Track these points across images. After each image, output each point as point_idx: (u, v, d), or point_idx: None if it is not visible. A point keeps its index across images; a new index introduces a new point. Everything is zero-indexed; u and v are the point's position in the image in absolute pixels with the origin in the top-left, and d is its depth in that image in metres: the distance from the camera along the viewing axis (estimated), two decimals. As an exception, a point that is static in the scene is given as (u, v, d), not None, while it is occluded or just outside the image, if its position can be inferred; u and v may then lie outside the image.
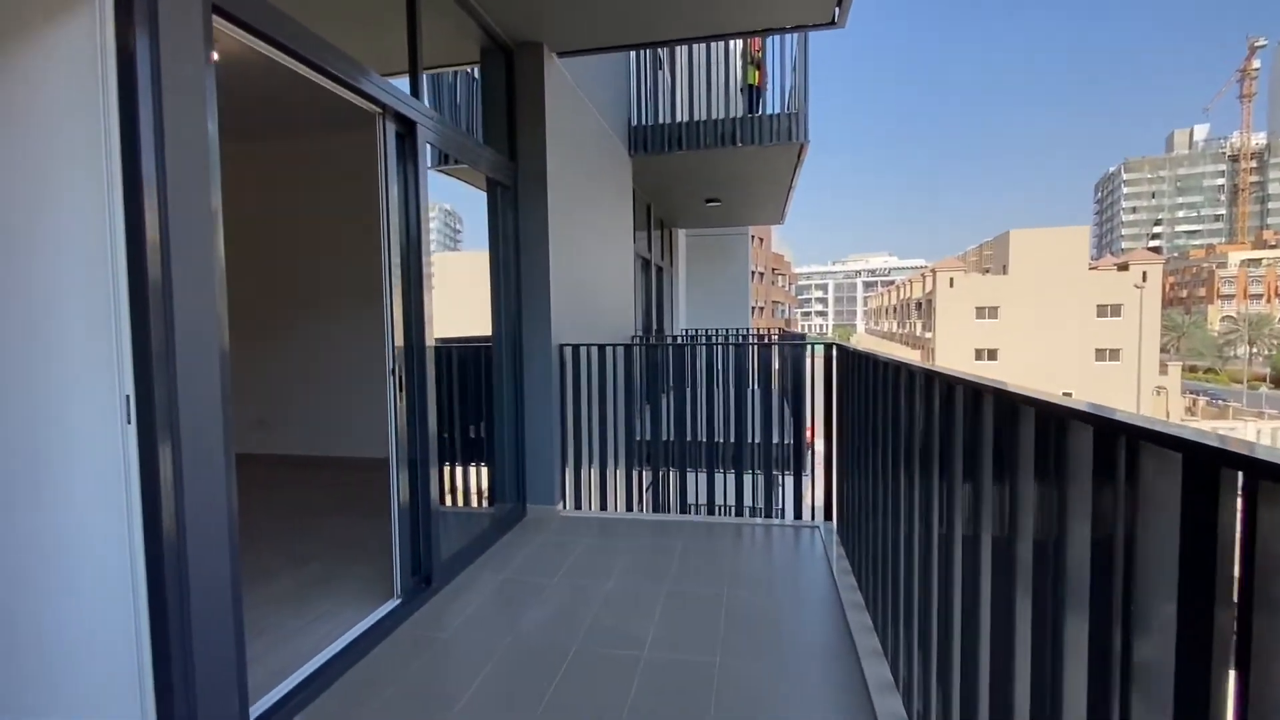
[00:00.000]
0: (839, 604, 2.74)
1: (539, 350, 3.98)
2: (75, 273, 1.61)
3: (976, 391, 1.40)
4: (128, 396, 1.59)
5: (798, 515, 3.96)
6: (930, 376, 1.78)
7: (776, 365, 4.67)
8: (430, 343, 2.89)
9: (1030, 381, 1.46)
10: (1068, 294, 38.17)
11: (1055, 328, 37.91)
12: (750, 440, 4.26)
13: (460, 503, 4.42)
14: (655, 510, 4.18)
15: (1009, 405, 1.22)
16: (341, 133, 5.35)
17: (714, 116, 6.68)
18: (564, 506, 4.12)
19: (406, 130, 2.80)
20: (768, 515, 3.99)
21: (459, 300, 4.78)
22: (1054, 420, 1.04)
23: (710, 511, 4.12)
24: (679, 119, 6.69)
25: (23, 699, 1.82)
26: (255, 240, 5.62)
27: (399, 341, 2.74)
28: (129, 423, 1.60)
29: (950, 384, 1.59)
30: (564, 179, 4.24)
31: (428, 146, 2.92)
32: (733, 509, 4.25)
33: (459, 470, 4.45)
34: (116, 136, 1.55)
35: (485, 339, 4.40)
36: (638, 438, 4.48)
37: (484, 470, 4.50)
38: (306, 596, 2.86)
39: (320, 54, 2.20)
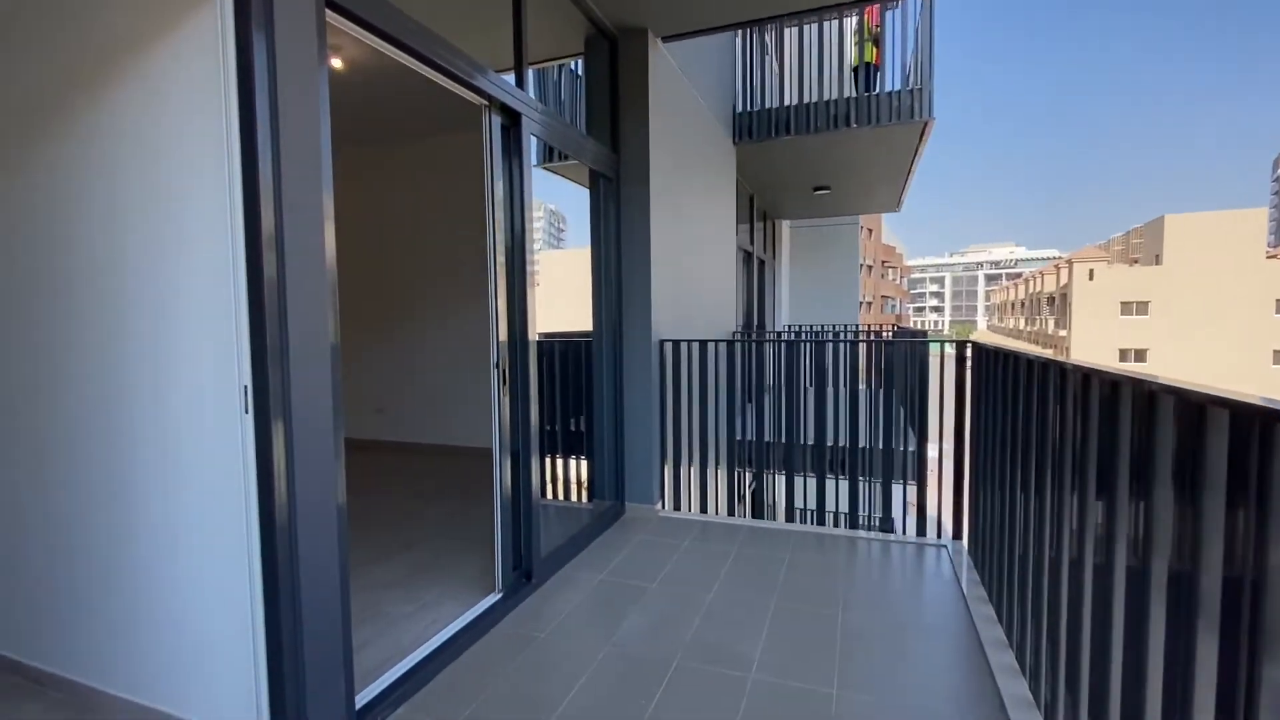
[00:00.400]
0: (975, 639, 2.41)
1: (639, 345, 3.87)
2: (201, 270, 1.66)
3: (1150, 394, 1.14)
4: (246, 387, 1.63)
5: (920, 531, 3.59)
6: (1088, 376, 1.50)
7: (890, 364, 4.28)
8: (533, 337, 2.85)
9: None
10: (1239, 286, 33.12)
11: (1220, 324, 33.04)
12: (863, 445, 3.93)
13: (559, 496, 4.42)
14: (758, 516, 3.95)
15: (1194, 409, 0.96)
16: (451, 133, 5.53)
17: (826, 98, 6.29)
18: (662, 506, 3.99)
19: (511, 121, 2.77)
20: (885, 529, 3.64)
21: (561, 297, 4.80)
22: (1260, 427, 0.79)
23: (819, 521, 3.83)
24: (788, 102, 6.35)
25: (154, 682, 1.94)
26: (374, 238, 5.95)
27: (503, 336, 2.72)
28: (246, 413, 1.64)
29: (1114, 384, 1.32)
30: (667, 169, 4.10)
31: (532, 138, 2.88)
32: (845, 518, 3.94)
33: (558, 463, 4.45)
34: (236, 137, 1.57)
35: (586, 334, 4.36)
36: (740, 438, 4.27)
37: (583, 465, 4.48)
38: (413, 584, 2.92)
39: (428, 45, 2.19)
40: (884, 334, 9.29)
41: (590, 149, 3.53)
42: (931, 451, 3.63)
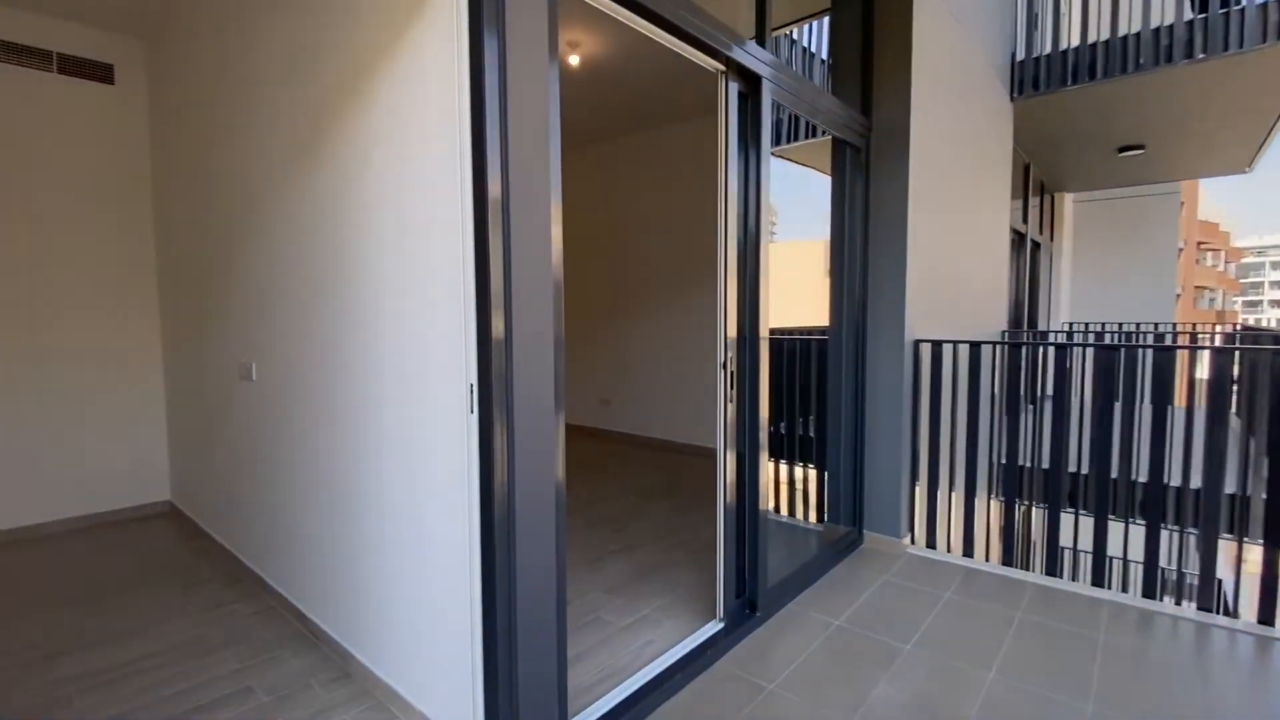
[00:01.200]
0: None
1: (888, 345, 3.25)
2: (443, 270, 1.63)
3: None
4: (471, 385, 1.54)
5: (1328, 629, 2.43)
6: None
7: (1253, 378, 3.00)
8: (764, 335, 2.48)
9: None
10: None
11: None
12: (1197, 486, 2.80)
13: (785, 511, 4.00)
14: (1050, 570, 3.08)
15: None
16: (674, 124, 5.38)
17: (1149, 25, 4.80)
18: (911, 541, 3.33)
19: (750, 88, 2.42)
20: (1265, 619, 2.54)
21: (774, 292, 4.34)
22: None
23: (1150, 589, 2.83)
24: (1090, 38, 4.99)
25: (390, 657, 2.01)
26: (604, 232, 6.10)
27: (731, 333, 2.40)
28: (471, 412, 1.55)
29: None
30: (929, 134, 3.39)
31: (771, 102, 2.49)
32: (1192, 586, 2.86)
33: (783, 470, 4.03)
34: (468, 138, 1.51)
35: (805, 330, 3.86)
36: (1020, 463, 3.39)
37: (811, 475, 3.99)
38: (633, 592, 2.77)
39: (661, 4, 1.93)
40: (1229, 334, 7.03)
41: (836, 113, 3.02)
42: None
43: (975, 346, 3.28)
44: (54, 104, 3.51)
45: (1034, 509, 3.59)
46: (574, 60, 4.11)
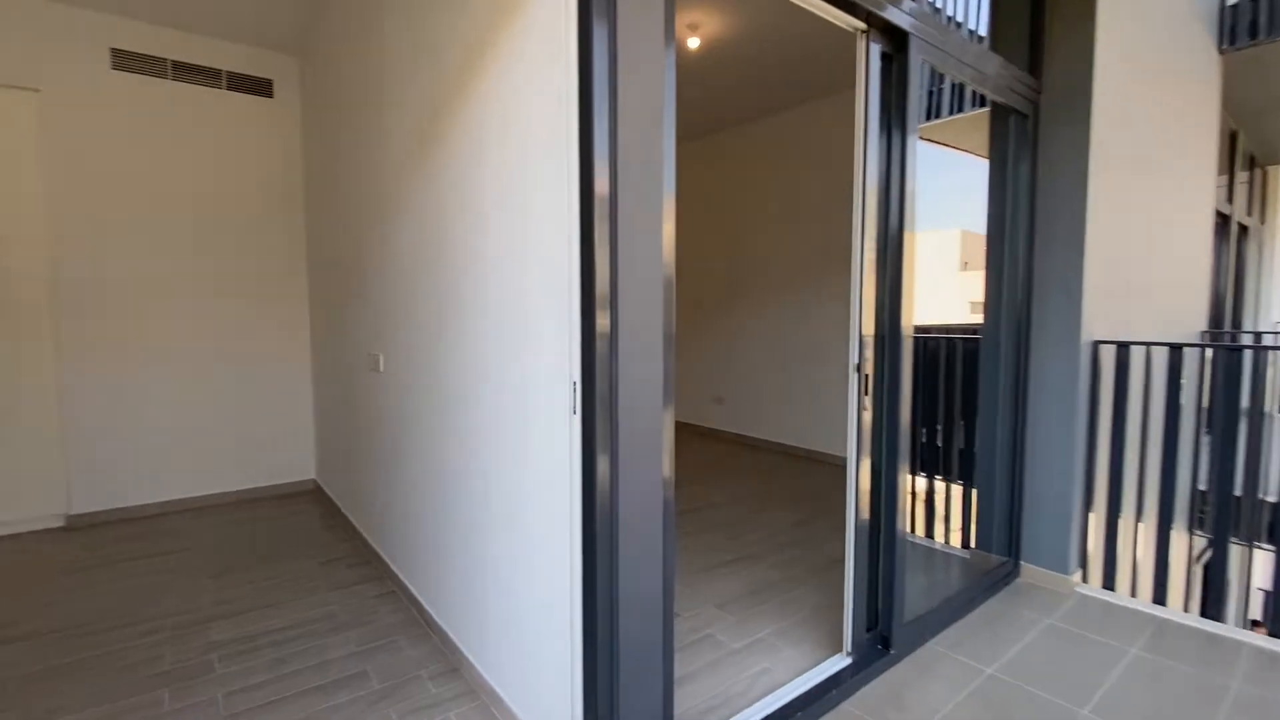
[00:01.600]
0: None
1: (1059, 347, 2.76)
2: (547, 265, 1.55)
3: None
4: (575, 384, 1.42)
5: None
6: None
7: None
8: (908, 334, 2.16)
9: None
10: None
11: None
12: None
13: (920, 531, 3.58)
14: (1277, 630, 2.46)
15: None
16: (805, 105, 5.01)
17: None
18: (1083, 578, 2.82)
19: (895, 47, 2.10)
20: None
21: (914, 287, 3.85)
22: None
23: None
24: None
25: (490, 654, 1.95)
26: (720, 222, 5.87)
27: (867, 330, 2.10)
28: (574, 413, 1.43)
29: None
30: (1114, 95, 2.83)
31: (920, 64, 2.16)
32: None
33: (919, 483, 3.61)
34: (575, 133, 1.39)
35: (946, 329, 3.40)
36: (1234, 492, 2.75)
37: (954, 491, 3.54)
38: (747, 609, 2.55)
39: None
40: None
41: (997, 73, 2.59)
42: None
43: (1175, 350, 2.70)
44: (223, 117, 3.89)
45: (1253, 549, 2.91)
46: (693, 43, 3.93)
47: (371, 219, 2.87)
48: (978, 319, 3.01)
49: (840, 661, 2.12)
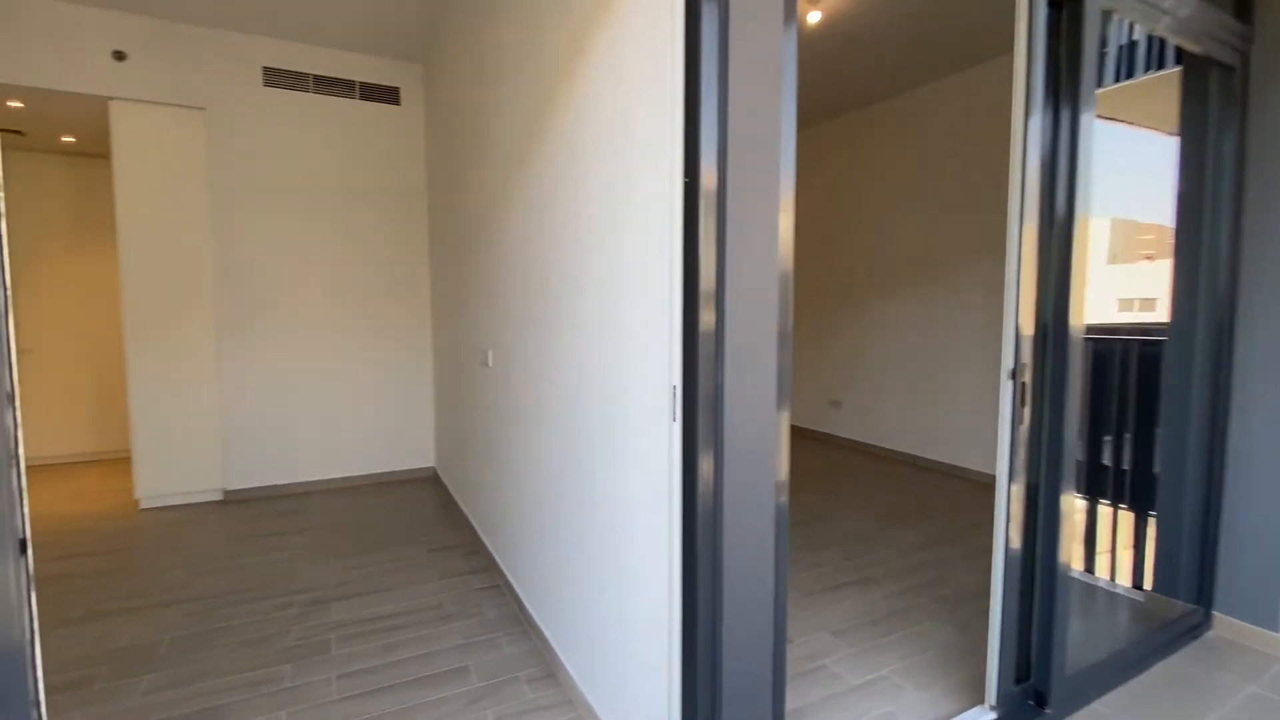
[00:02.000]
0: None
1: (1276, 352, 2.24)
2: (646, 261, 1.43)
3: None
4: (675, 387, 1.29)
5: None
6: None
7: None
8: (1077, 334, 1.81)
9: None
10: None
11: None
12: None
13: (1079, 564, 3.09)
14: None
15: None
16: (940, 80, 4.53)
17: None
18: (1304, 639, 2.27)
19: (1066, -7, 1.77)
20: None
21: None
22: None
23: None
24: None
25: (584, 663, 1.86)
26: (842, 212, 5.48)
27: (1025, 328, 1.79)
28: (674, 420, 1.29)
29: None
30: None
31: (1099, 14, 1.80)
32: None
33: (1078, 505, 3.12)
34: (679, 122, 1.27)
35: (1110, 330, 2.91)
36: None
37: (1119, 517, 3.02)
38: (865, 640, 2.30)
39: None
40: None
41: (1196, 18, 2.13)
42: None
43: None
44: (356, 125, 4.16)
45: None
46: (813, 18, 3.65)
47: (483, 215, 2.91)
48: (1127, 317, 2.54)
49: (982, 716, 1.83)
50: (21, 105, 3.79)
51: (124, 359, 3.74)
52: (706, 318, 1.22)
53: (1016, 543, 1.84)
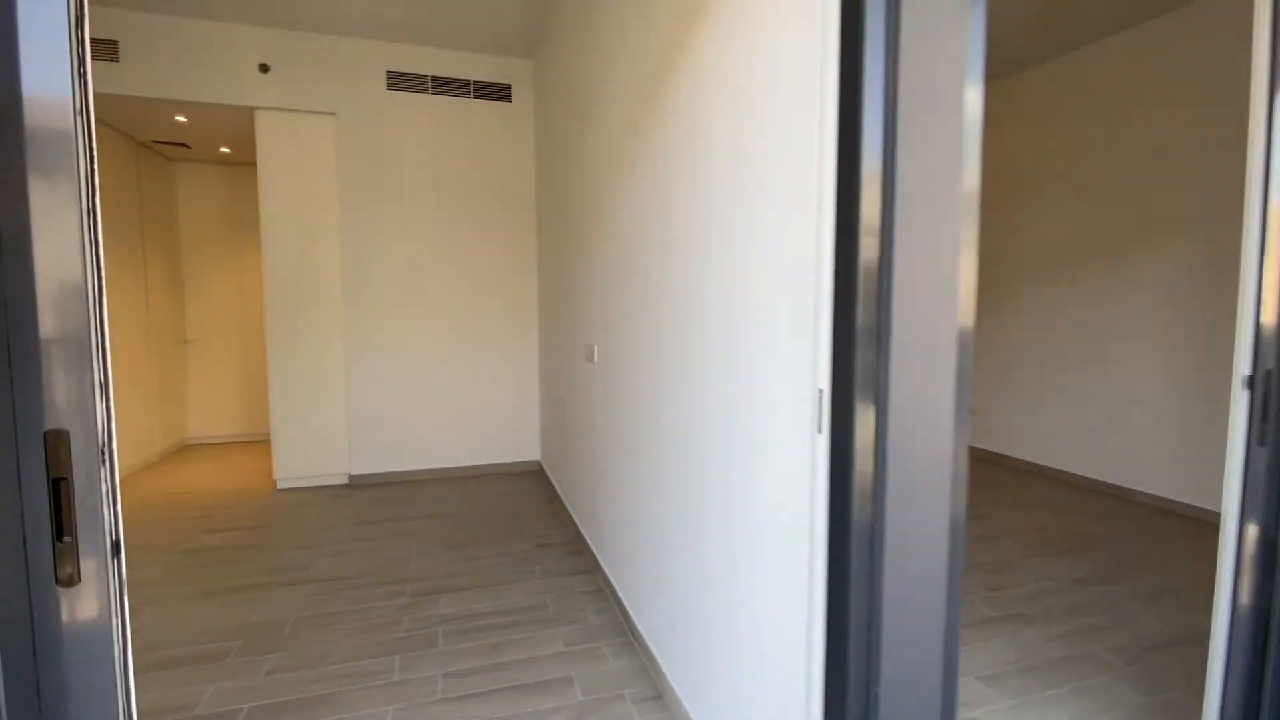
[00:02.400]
0: None
1: None
2: (781, 246, 1.21)
3: None
4: (821, 391, 1.08)
5: None
6: None
7: None
8: (1345, 332, 1.40)
9: None
10: None
11: None
12: None
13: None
14: None
15: None
16: (1115, 34, 3.90)
17: None
18: None
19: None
20: None
21: None
22: None
23: None
24: None
25: (693, 686, 1.68)
26: (984, 192, 4.92)
27: (1269, 320, 1.40)
28: (820, 431, 1.09)
29: None
30: None
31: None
32: None
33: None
34: (832, 94, 1.05)
35: None
36: None
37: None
38: (1028, 693, 1.96)
39: None
40: None
41: None
42: None
43: None
44: (470, 124, 4.24)
45: None
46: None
47: (590, 206, 2.81)
48: None
49: (1193, 808, 1.46)
50: (185, 120, 4.19)
51: (265, 350, 4.04)
52: (865, 312, 1.00)
53: (1247, 598, 1.45)
